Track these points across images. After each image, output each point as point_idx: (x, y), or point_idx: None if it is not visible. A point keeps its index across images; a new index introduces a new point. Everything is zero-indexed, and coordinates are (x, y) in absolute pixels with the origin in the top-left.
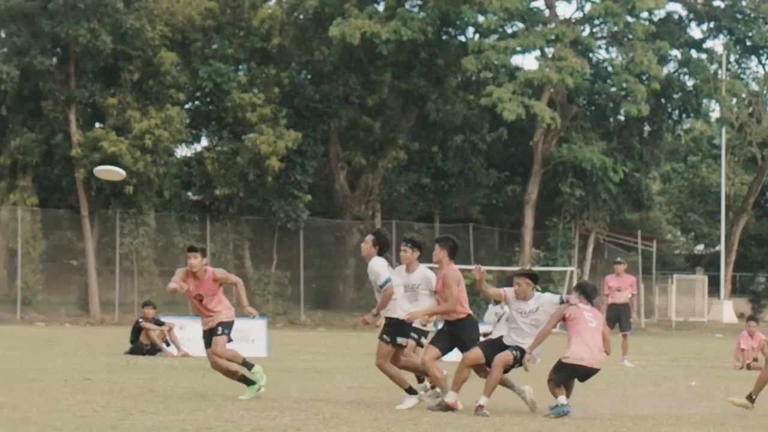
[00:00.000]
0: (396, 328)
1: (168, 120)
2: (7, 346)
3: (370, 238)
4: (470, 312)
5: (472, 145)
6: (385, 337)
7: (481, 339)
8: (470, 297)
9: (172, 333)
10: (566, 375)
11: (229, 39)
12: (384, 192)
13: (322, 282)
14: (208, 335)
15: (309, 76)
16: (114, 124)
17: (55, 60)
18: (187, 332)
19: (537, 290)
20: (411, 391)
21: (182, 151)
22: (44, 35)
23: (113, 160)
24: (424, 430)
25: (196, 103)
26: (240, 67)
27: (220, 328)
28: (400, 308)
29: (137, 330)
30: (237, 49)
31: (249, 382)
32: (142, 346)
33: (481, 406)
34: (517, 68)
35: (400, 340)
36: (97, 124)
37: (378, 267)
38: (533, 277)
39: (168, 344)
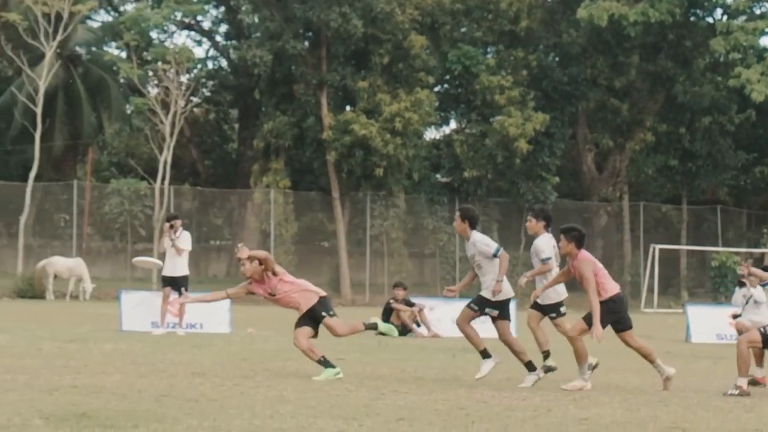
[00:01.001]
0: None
1: (417, 103)
2: (262, 326)
3: (457, 215)
4: (611, 295)
5: (720, 126)
6: (473, 305)
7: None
8: (718, 280)
9: (423, 314)
10: None
11: (477, 22)
12: (631, 174)
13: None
14: (309, 316)
15: (557, 59)
16: (364, 107)
17: (307, 44)
18: (437, 313)
19: None
20: (485, 354)
21: (431, 134)
22: (296, 20)
23: (363, 142)
24: (674, 411)
25: (445, 86)
26: (488, 49)
27: (323, 312)
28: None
29: (388, 311)
30: (485, 31)
31: (328, 365)
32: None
33: (739, 386)
34: (766, 49)
35: (488, 310)
36: (348, 107)
37: (483, 240)
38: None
39: (419, 325)
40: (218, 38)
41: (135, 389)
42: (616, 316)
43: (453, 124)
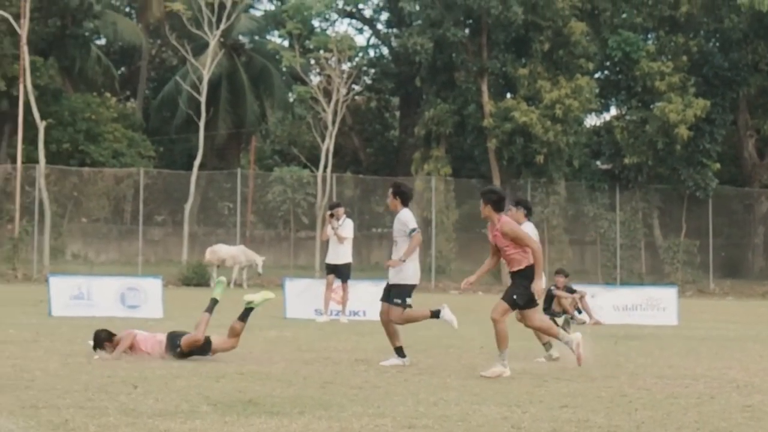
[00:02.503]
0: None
1: (578, 90)
2: None
3: (390, 191)
4: (526, 265)
5: None
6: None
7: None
8: None
9: (584, 300)
10: None
11: (637, 8)
12: None
13: (731, 250)
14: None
15: (717, 44)
16: (525, 94)
17: (467, 31)
18: (599, 300)
19: None
20: (399, 352)
21: (591, 121)
22: (457, 7)
23: (524, 129)
24: None
25: (605, 72)
26: (648, 35)
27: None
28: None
29: (550, 297)
30: (645, 17)
31: None
32: (554, 313)
33: None
34: None
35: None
36: (508, 95)
37: (405, 216)
38: None
39: (580, 311)
40: (379, 26)
41: (300, 376)
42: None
43: (613, 111)
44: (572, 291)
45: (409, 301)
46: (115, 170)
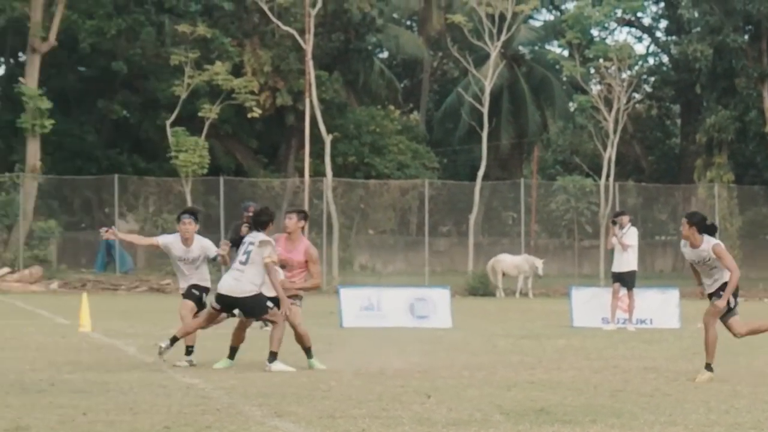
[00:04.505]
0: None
1: None
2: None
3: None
4: None
5: None
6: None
7: None
8: None
9: None
10: None
11: None
12: None
13: None
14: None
15: None
16: None
17: (746, 37)
18: None
19: None
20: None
21: None
22: (736, 13)
23: None
24: None
25: None
26: None
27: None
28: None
29: None
30: None
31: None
32: None
33: None
34: None
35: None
36: None
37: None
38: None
39: None
40: (658, 34)
41: (590, 385)
42: None
43: None
44: None
45: None
46: (400, 182)
